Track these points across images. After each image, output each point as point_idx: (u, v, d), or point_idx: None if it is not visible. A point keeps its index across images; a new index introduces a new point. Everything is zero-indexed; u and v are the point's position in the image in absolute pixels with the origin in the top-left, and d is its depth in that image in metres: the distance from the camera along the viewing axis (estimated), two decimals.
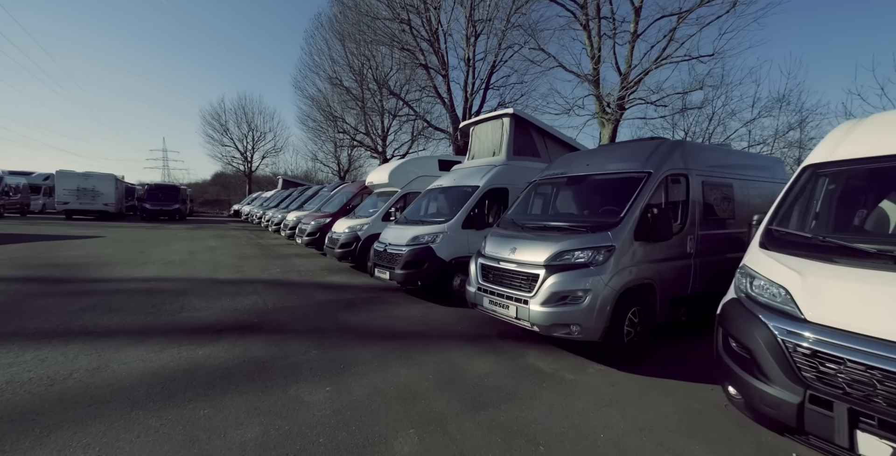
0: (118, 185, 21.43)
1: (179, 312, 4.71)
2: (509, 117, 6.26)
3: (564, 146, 7.10)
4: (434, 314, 4.90)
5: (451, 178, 6.55)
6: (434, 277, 5.30)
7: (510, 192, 6.01)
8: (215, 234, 16.17)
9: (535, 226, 3.90)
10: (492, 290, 3.70)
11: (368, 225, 8.08)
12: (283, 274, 7.63)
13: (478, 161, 6.70)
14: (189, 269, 7.87)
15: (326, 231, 10.19)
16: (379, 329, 4.26)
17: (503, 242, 3.85)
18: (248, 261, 9.21)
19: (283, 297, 5.72)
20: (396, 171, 8.50)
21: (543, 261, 3.27)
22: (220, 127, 37.12)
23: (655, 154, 3.51)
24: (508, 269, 3.57)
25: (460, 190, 6.07)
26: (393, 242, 5.75)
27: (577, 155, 4.68)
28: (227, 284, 6.49)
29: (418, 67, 18.12)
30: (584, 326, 2.99)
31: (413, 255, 5.36)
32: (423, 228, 5.63)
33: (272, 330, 4.15)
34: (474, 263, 4.14)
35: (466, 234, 5.55)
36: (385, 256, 5.80)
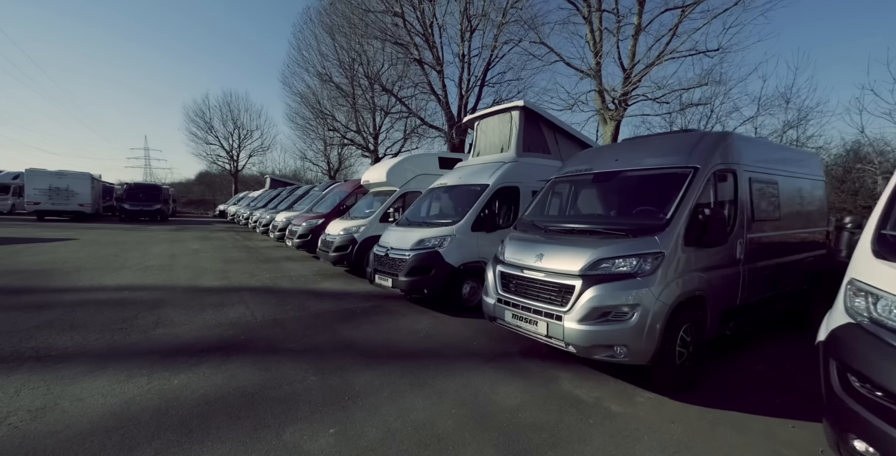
0: (94, 184, 20.31)
1: (154, 329, 4.12)
2: (519, 110, 5.82)
3: (576, 143, 6.70)
4: (444, 327, 4.43)
5: (455, 177, 6.08)
6: (442, 285, 4.82)
7: (521, 191, 5.58)
8: (199, 235, 15.36)
9: (560, 229, 3.45)
10: (515, 302, 3.25)
11: (365, 227, 7.56)
12: (273, 280, 7.05)
13: (484, 158, 6.25)
14: (169, 275, 7.21)
15: (319, 233, 9.62)
16: (385, 346, 3.76)
17: (526, 247, 3.40)
18: (235, 265, 8.58)
19: (274, 307, 5.17)
20: (394, 169, 7.99)
21: (579, 270, 2.83)
22: (204, 124, 35.85)
23: (700, 147, 3.10)
24: (535, 278, 3.12)
25: (468, 189, 5.61)
26: (395, 246, 5.25)
27: (601, 150, 4.26)
28: (211, 293, 5.89)
29: (412, 63, 17.58)
30: (631, 348, 2.56)
31: (419, 260, 4.87)
32: (429, 230, 5.14)
33: (262, 349, 3.62)
34: (491, 270, 3.68)
35: (476, 237, 5.09)
36: (387, 262, 5.29)
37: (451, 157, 8.81)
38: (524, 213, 4.19)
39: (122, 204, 20.94)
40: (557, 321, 2.85)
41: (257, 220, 15.73)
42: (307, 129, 28.44)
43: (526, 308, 3.14)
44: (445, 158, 8.63)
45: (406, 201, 8.01)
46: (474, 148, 6.74)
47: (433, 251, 4.88)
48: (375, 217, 7.67)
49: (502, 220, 5.35)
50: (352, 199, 10.37)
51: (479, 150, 6.62)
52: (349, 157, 32.14)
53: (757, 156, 3.50)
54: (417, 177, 8.15)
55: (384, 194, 8.41)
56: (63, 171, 18.39)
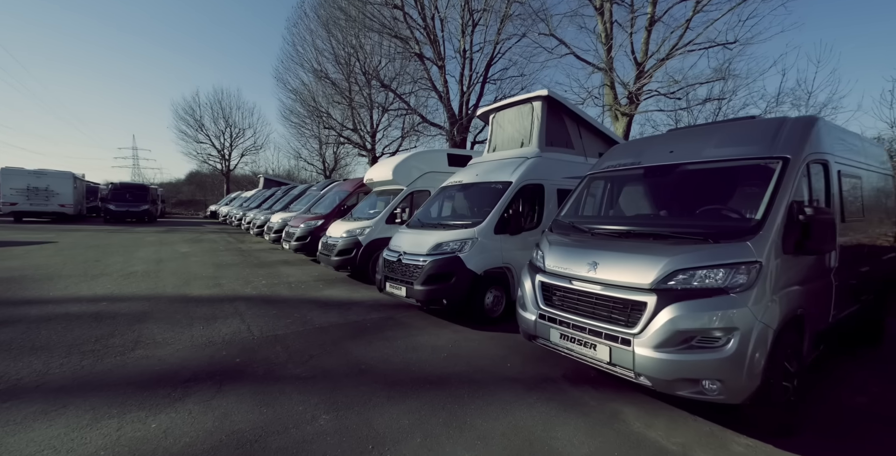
0: (77, 183, 19.40)
1: (132, 350, 3.52)
2: (541, 101, 5.31)
3: (599, 137, 6.21)
4: (469, 343, 3.89)
5: (471, 174, 5.55)
6: (464, 295, 4.29)
7: (546, 189, 5.07)
8: (189, 238, 14.62)
9: (612, 232, 2.94)
10: (564, 319, 2.73)
11: (371, 228, 6.99)
12: (271, 287, 6.45)
13: (501, 154, 5.73)
14: (154, 282, 6.57)
15: (318, 235, 9.03)
16: (405, 370, 3.21)
17: (574, 253, 2.88)
18: (228, 271, 7.94)
19: (273, 320, 4.58)
20: (401, 166, 7.44)
21: (650, 283, 2.32)
22: (194, 122, 34.89)
23: (787, 133, 2.61)
24: (590, 292, 2.60)
25: (487, 187, 5.08)
26: (409, 251, 4.70)
27: (648, 141, 3.76)
28: (201, 304, 5.28)
29: (413, 57, 17.01)
30: (727, 383, 2.05)
31: (437, 267, 4.33)
32: (447, 233, 4.60)
33: (262, 376, 3.05)
34: (528, 279, 3.16)
35: (500, 240, 4.56)
36: (399, 268, 4.74)
37: (460, 153, 8.27)
38: (560, 214, 3.68)
39: (107, 205, 20.06)
40: (624, 346, 2.33)
41: (251, 221, 15.04)
42: (302, 128, 27.72)
43: (579, 327, 2.62)
44: (455, 155, 8.10)
45: (414, 201, 7.46)
46: (490, 143, 6.21)
47: (453, 256, 4.35)
48: (381, 218, 7.11)
49: (526, 221, 4.83)
50: (353, 199, 9.79)
51: (495, 145, 6.10)
52: (345, 157, 31.49)
53: (843, 145, 3.03)
54: (425, 175, 7.61)
55: (389, 193, 7.86)
56: (42, 170, 17.48)
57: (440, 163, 7.88)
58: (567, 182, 5.37)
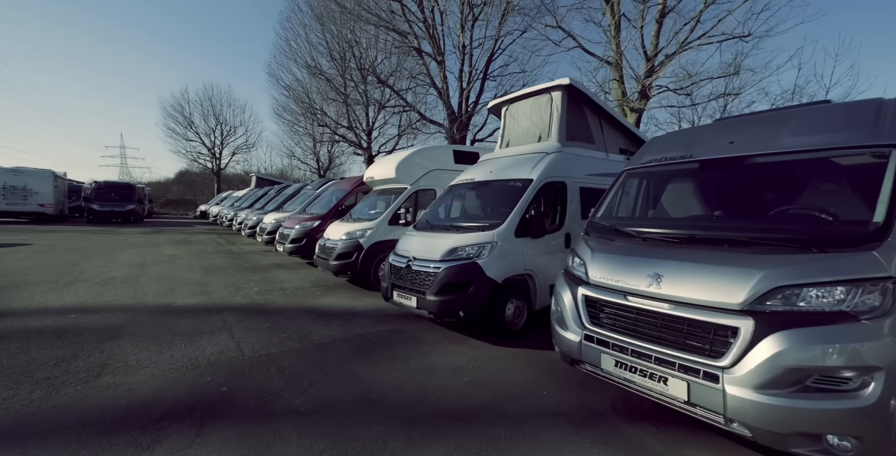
0: (58, 182, 18.52)
1: (97, 376, 2.97)
2: (561, 91, 4.84)
3: (622, 132, 5.77)
4: (492, 363, 3.40)
5: (484, 171, 5.06)
6: (483, 306, 3.80)
7: (568, 187, 4.61)
8: (177, 239, 13.92)
9: (669, 237, 2.47)
10: (619, 343, 2.26)
11: (372, 230, 6.47)
12: (264, 295, 5.90)
13: (517, 149, 5.25)
14: (134, 290, 5.98)
15: (314, 237, 8.48)
16: (424, 400, 2.72)
17: (626, 262, 2.41)
18: (217, 276, 7.36)
19: (267, 335, 4.05)
20: (405, 163, 6.93)
21: (742, 303, 1.86)
22: (183, 120, 33.95)
23: (892, 117, 2.17)
24: (654, 311, 2.14)
25: (505, 185, 4.60)
26: (420, 256, 4.19)
27: (694, 132, 3.29)
28: (186, 315, 4.72)
29: (411, 52, 16.48)
30: (866, 442, 1.59)
31: (453, 274, 3.83)
32: (463, 236, 4.10)
33: (253, 412, 2.53)
34: (567, 293, 2.68)
35: (521, 244, 4.09)
36: (408, 276, 4.23)
37: (467, 150, 7.79)
38: (595, 215, 3.21)
39: (91, 204, 19.19)
40: (709, 382, 1.87)
41: (242, 221, 14.39)
42: (295, 126, 27.00)
43: (640, 354, 2.15)
44: (462, 152, 7.61)
45: (418, 201, 6.97)
46: (502, 138, 5.73)
47: (471, 263, 3.85)
48: (383, 219, 6.59)
49: (548, 222, 4.37)
50: (351, 199, 9.25)
51: (508, 139, 5.62)
52: (340, 155, 30.85)
53: None
54: (430, 172, 7.12)
55: (391, 193, 7.34)
56: (20, 168, 16.61)
57: (446, 160, 7.39)
58: (590, 180, 4.92)
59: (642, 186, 3.38)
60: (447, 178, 7.29)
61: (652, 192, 3.35)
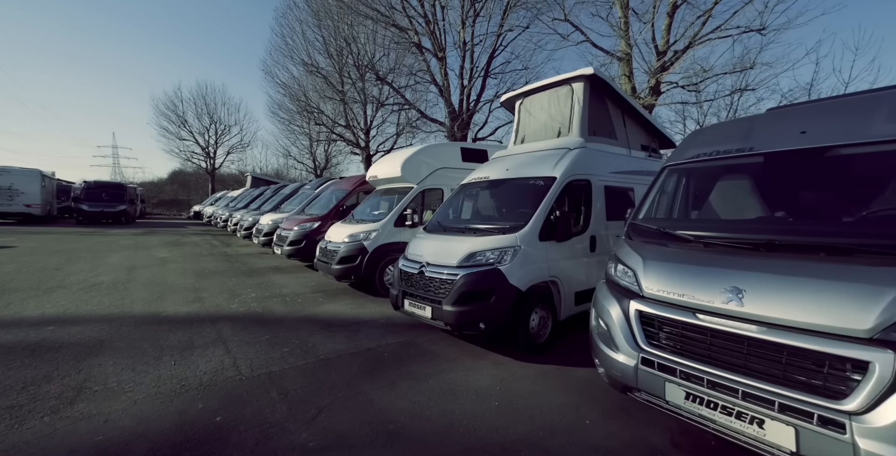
0: (45, 182, 17.92)
1: (70, 404, 2.58)
2: (583, 81, 4.50)
3: (645, 128, 5.44)
4: (520, 384, 3.04)
5: (499, 169, 4.70)
6: (506, 317, 3.44)
7: (593, 186, 4.27)
8: (169, 240, 13.45)
9: (742, 242, 2.11)
10: (691, 371, 1.90)
11: (377, 232, 6.09)
12: (262, 302, 5.50)
13: (533, 145, 4.90)
14: (121, 297, 5.56)
15: (314, 238, 8.10)
16: (451, 433, 2.35)
17: (692, 272, 2.06)
18: (211, 280, 6.94)
19: (266, 349, 3.67)
20: (410, 161, 6.56)
21: (870, 329, 1.47)
22: (177, 119, 33.27)
23: None
24: (738, 334, 1.78)
25: (525, 184, 4.24)
26: (434, 262, 3.83)
27: (750, 122, 2.93)
28: (176, 326, 4.32)
29: (411, 48, 16.09)
30: None
31: (474, 282, 3.47)
32: (483, 240, 3.74)
33: (252, 450, 2.15)
34: (615, 306, 2.33)
35: (545, 248, 3.74)
36: (421, 283, 3.87)
37: (476, 148, 7.44)
38: (637, 216, 2.87)
39: (80, 205, 18.59)
40: (832, 432, 1.50)
41: (238, 222, 13.94)
42: (291, 124, 26.52)
43: (721, 386, 1.79)
44: (470, 150, 7.26)
45: (425, 200, 6.61)
46: (517, 133, 5.38)
47: (492, 270, 3.49)
48: (389, 220, 6.22)
49: (573, 224, 4.02)
50: (353, 199, 8.86)
51: (523, 135, 5.27)
52: (337, 155, 30.37)
53: None
54: (437, 171, 6.76)
55: (395, 192, 6.97)
56: (6, 168, 16.02)
57: (453, 158, 7.04)
58: (615, 178, 4.59)
59: (681, 184, 3.04)
60: (455, 178, 6.95)
61: (695, 191, 3.01)
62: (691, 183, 2.98)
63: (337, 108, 22.45)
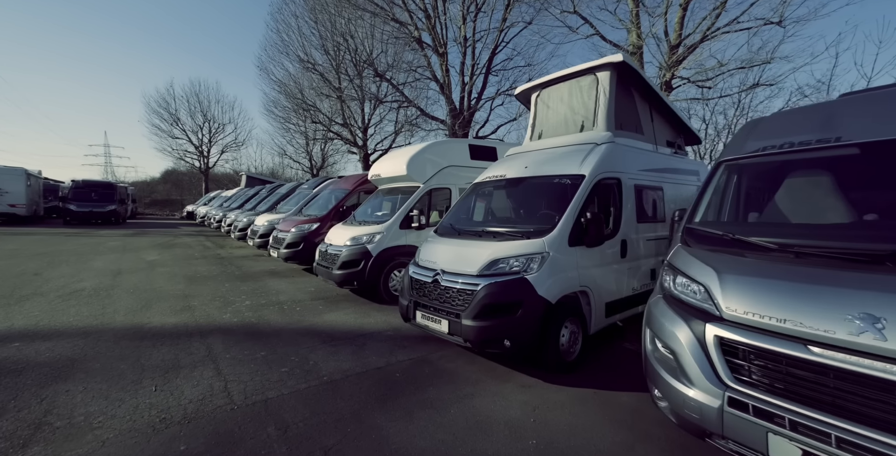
0: (31, 181, 17.29)
1: (21, 449, 2.14)
2: (610, 70, 4.11)
3: (671, 123, 5.07)
4: (557, 413, 2.64)
5: (517, 166, 4.30)
6: (535, 333, 3.04)
7: (623, 185, 3.88)
8: (160, 242, 12.92)
9: (854, 252, 1.67)
10: (808, 423, 1.48)
11: (381, 234, 5.67)
12: (257, 311, 5.06)
13: (553, 141, 4.51)
14: (102, 306, 5.10)
15: (312, 241, 7.66)
16: None
17: (797, 291, 1.63)
18: (203, 286, 6.49)
19: (262, 369, 3.24)
20: (416, 159, 6.14)
21: None
22: (169, 116, 32.54)
23: None
24: (881, 378, 1.37)
25: (548, 183, 3.84)
26: (450, 269, 3.42)
27: (824, 109, 2.53)
28: (161, 341, 3.88)
29: (411, 42, 15.64)
30: None
31: (497, 293, 3.06)
32: (506, 245, 3.33)
33: None
34: (683, 329, 1.93)
35: (576, 254, 3.34)
36: (436, 293, 3.45)
37: (485, 145, 7.03)
38: (693, 218, 2.48)
39: (68, 205, 17.96)
40: None
41: (232, 223, 13.43)
42: (287, 123, 25.96)
43: (858, 446, 1.38)
44: (478, 147, 6.85)
45: (432, 200, 6.20)
46: (533, 128, 4.98)
47: (518, 279, 3.09)
48: (394, 222, 5.80)
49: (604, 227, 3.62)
50: (353, 199, 8.42)
51: (541, 130, 4.87)
52: (334, 154, 29.84)
53: None
54: (444, 169, 6.35)
55: (399, 192, 6.55)
56: None
57: (461, 155, 6.63)
58: (644, 176, 4.22)
59: (742, 182, 2.65)
60: (463, 177, 6.54)
61: (758, 189, 2.63)
62: (754, 180, 2.60)
63: (334, 105, 21.96)
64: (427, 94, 19.31)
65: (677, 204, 4.48)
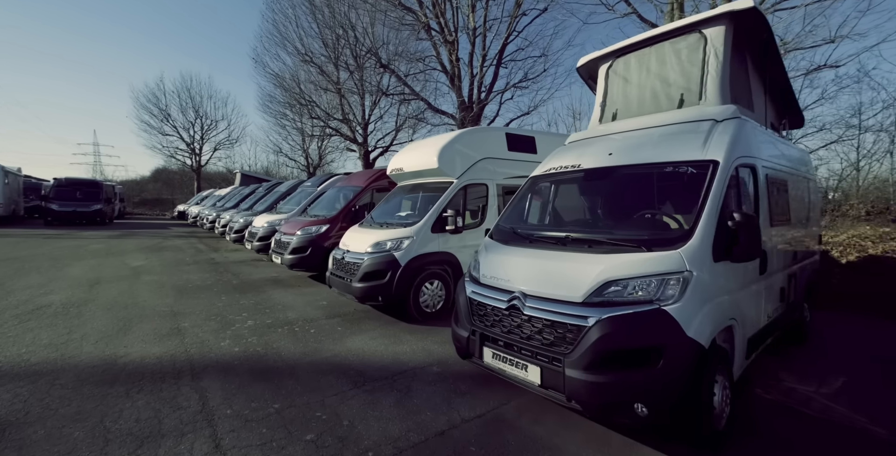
0: (9, 179, 16.05)
1: None
2: (725, 24, 3.16)
3: (781, 98, 4.13)
4: None
5: (594, 154, 3.29)
6: (682, 391, 2.08)
7: (758, 174, 2.94)
8: (148, 245, 11.83)
9: None
10: None
11: (411, 239, 4.70)
12: (262, 335, 4.08)
13: (638, 121, 3.54)
14: (68, 329, 4.09)
15: (321, 245, 6.70)
16: None
17: None
18: (195, 299, 5.48)
19: (277, 437, 2.27)
20: (449, 149, 5.16)
21: None
22: (159, 112, 31.11)
23: None
24: None
25: (655, 173, 2.87)
26: (535, 291, 2.44)
27: None
28: (139, 387, 2.88)
29: (420, 31, 14.62)
30: None
31: (623, 333, 2.09)
32: (622, 260, 2.34)
33: None
34: None
35: (723, 273, 2.38)
36: (516, 325, 2.48)
37: (523, 134, 6.07)
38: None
39: (50, 204, 16.73)
40: None
41: (227, 224, 12.35)
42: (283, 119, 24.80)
43: None
44: (517, 136, 5.90)
45: (467, 197, 5.23)
46: (603, 108, 4.02)
47: (655, 312, 2.12)
48: (425, 224, 4.83)
49: None
50: (366, 198, 7.43)
51: (615, 109, 3.92)
52: (332, 151, 28.70)
53: None
54: (479, 162, 5.40)
55: (425, 189, 5.59)
56: None
57: (498, 146, 5.68)
58: (774, 164, 3.29)
59: None
60: (500, 171, 5.57)
61: None
62: None
63: (333, 100, 20.88)
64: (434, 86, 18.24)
65: (800, 203, 3.56)
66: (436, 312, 4.86)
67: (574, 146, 3.81)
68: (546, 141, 6.19)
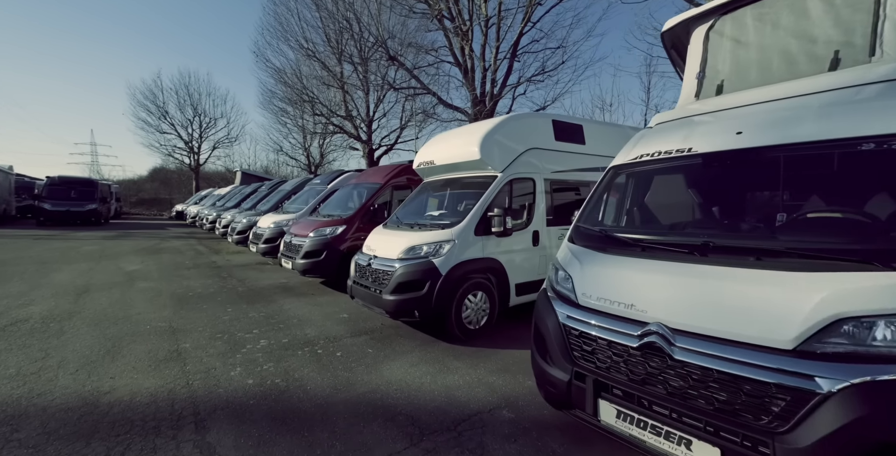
0: (1, 177, 15.24)
1: None
2: None
3: None
4: None
5: (710, 134, 2.50)
6: None
7: None
8: (145, 246, 11.08)
9: None
10: None
11: (452, 243, 3.96)
12: (280, 360, 3.34)
13: (769, 90, 2.71)
14: (44, 352, 3.36)
15: (337, 248, 5.99)
16: None
17: None
18: (196, 312, 4.74)
19: None
20: (491, 138, 4.42)
21: None
22: (157, 110, 30.32)
23: None
24: None
25: (838, 154, 2.12)
26: (698, 328, 1.68)
27: None
28: (124, 440, 2.13)
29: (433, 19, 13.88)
30: None
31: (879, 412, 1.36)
32: (857, 281, 1.62)
33: None
34: None
35: None
36: (655, 374, 1.74)
37: (570, 121, 5.34)
38: None
39: (42, 203, 15.96)
40: None
41: (228, 224, 11.60)
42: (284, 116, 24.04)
43: None
44: (564, 124, 5.15)
45: (513, 192, 4.49)
46: (701, 80, 3.26)
47: None
48: (467, 225, 4.09)
49: None
50: (385, 196, 6.69)
51: (721, 79, 3.13)
52: (334, 150, 27.94)
53: None
54: (525, 154, 4.67)
55: (462, 185, 4.86)
56: None
57: (545, 135, 4.94)
58: None
59: None
60: (547, 164, 4.85)
61: None
62: None
63: (336, 96, 20.14)
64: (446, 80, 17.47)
65: None
66: (479, 328, 4.12)
67: (666, 128, 3.02)
68: (595, 130, 5.45)
